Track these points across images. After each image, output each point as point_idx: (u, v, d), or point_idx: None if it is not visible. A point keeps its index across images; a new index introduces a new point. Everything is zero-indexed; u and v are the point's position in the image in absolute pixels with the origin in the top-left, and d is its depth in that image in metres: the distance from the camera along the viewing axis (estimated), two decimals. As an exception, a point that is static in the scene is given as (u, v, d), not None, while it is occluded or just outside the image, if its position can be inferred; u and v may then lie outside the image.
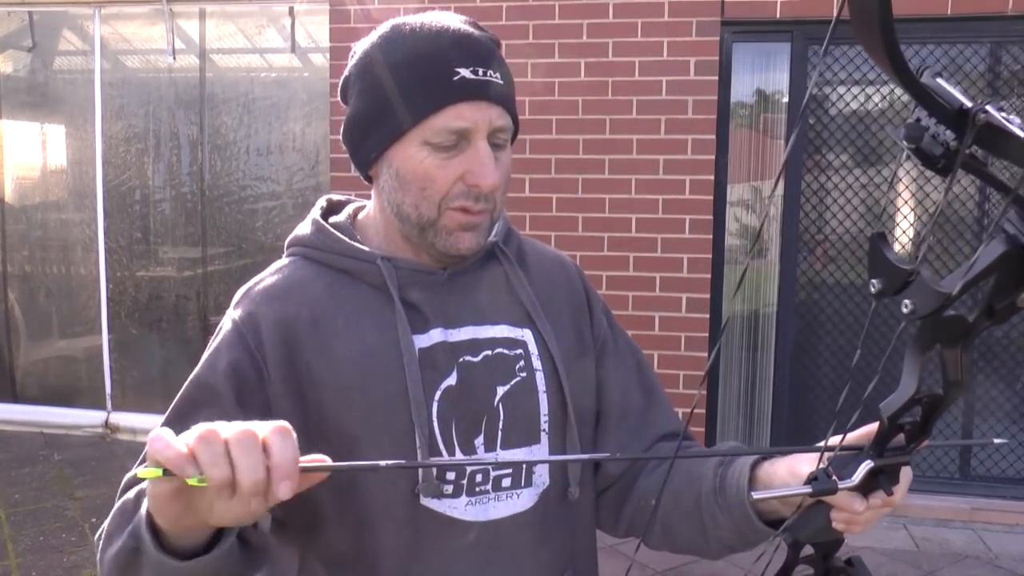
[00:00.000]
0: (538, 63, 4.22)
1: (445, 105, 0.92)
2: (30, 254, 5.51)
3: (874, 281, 0.70)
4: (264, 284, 1.01)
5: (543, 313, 1.05)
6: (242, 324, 0.97)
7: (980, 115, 0.61)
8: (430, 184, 0.94)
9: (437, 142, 0.93)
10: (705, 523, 0.97)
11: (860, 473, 0.77)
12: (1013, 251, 0.66)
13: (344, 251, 1.01)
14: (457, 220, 0.96)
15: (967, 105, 0.62)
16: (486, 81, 0.94)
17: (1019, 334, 4.14)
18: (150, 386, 5.38)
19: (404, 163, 0.95)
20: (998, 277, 0.67)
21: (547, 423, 1.02)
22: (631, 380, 1.12)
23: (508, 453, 1.00)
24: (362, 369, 0.96)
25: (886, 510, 0.81)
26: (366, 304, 0.99)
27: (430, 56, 0.93)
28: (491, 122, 0.94)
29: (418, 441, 0.94)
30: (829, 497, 0.81)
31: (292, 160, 5.08)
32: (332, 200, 1.12)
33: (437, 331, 0.99)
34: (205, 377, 0.95)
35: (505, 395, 1.00)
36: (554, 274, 1.12)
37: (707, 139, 4.11)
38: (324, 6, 4.54)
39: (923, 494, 4.11)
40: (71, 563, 3.58)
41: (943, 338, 0.71)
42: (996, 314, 0.69)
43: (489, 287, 1.05)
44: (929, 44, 4.01)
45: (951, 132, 0.64)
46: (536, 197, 4.26)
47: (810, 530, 0.84)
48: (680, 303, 4.18)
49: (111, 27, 5.20)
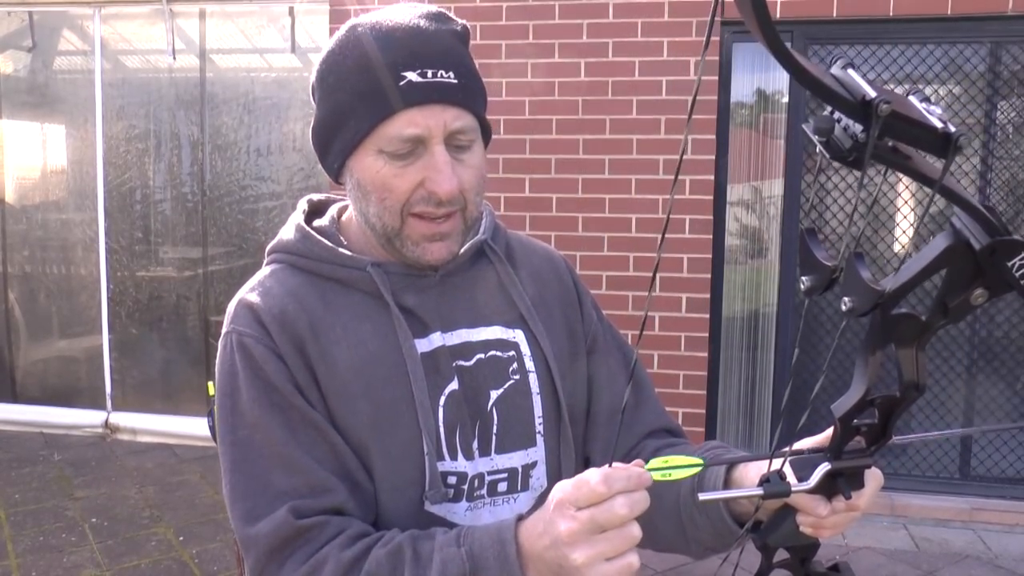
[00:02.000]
0: (538, 63, 4.22)
1: (394, 113, 0.89)
2: (31, 254, 5.51)
3: (804, 278, 0.69)
4: (258, 292, 0.98)
5: (535, 312, 1.04)
6: (261, 336, 0.93)
7: (883, 105, 0.58)
8: (389, 194, 0.91)
9: (391, 151, 0.90)
10: (684, 524, 0.96)
11: (816, 476, 0.76)
12: (958, 246, 0.65)
13: (332, 259, 0.98)
14: (420, 230, 0.93)
15: (870, 95, 0.59)
16: (436, 83, 0.89)
17: (1019, 334, 4.14)
18: (150, 386, 5.38)
19: (363, 173, 0.93)
20: (949, 273, 0.66)
21: (542, 425, 1.01)
22: (619, 375, 1.11)
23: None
24: (366, 377, 0.94)
25: (853, 515, 0.80)
26: (362, 311, 0.97)
27: (377, 61, 0.89)
28: (445, 125, 0.90)
29: (426, 447, 0.93)
30: (793, 501, 0.79)
31: (292, 160, 5.08)
32: (314, 201, 1.09)
33: (437, 335, 0.98)
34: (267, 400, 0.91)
35: (499, 399, 0.99)
36: (543, 271, 1.10)
37: (707, 139, 4.11)
38: (324, 6, 4.54)
39: (923, 494, 4.11)
40: (71, 563, 3.58)
41: (896, 337, 0.69)
42: (951, 312, 0.68)
43: (481, 287, 1.03)
44: (929, 44, 4.01)
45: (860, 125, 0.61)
46: (536, 197, 4.26)
47: (779, 535, 0.83)
48: (680, 303, 4.18)
49: (111, 27, 5.20)
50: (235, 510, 0.92)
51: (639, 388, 1.12)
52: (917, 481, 4.18)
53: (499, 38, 4.24)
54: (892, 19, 3.93)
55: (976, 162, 4.07)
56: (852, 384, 0.72)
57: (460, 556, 0.82)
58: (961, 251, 0.66)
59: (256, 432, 0.92)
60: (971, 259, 0.66)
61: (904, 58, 4.04)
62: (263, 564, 0.89)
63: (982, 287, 0.67)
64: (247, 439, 0.92)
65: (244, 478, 0.92)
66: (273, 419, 0.91)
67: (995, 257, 0.65)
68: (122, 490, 4.38)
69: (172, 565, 3.58)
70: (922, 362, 0.71)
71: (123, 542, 3.78)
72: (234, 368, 0.94)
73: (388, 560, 0.85)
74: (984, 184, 4.09)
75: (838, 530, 0.81)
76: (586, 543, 0.74)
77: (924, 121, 0.62)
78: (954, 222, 0.67)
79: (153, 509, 4.15)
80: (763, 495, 0.76)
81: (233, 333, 0.95)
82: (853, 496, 0.78)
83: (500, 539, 0.81)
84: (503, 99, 4.23)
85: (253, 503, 0.91)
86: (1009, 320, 4.15)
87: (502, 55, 4.22)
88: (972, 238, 0.65)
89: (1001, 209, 4.14)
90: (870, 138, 0.60)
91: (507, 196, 4.19)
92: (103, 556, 3.64)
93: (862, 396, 0.71)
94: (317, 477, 0.90)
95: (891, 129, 0.61)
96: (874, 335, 0.69)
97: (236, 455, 0.93)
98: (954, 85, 4.09)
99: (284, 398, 0.92)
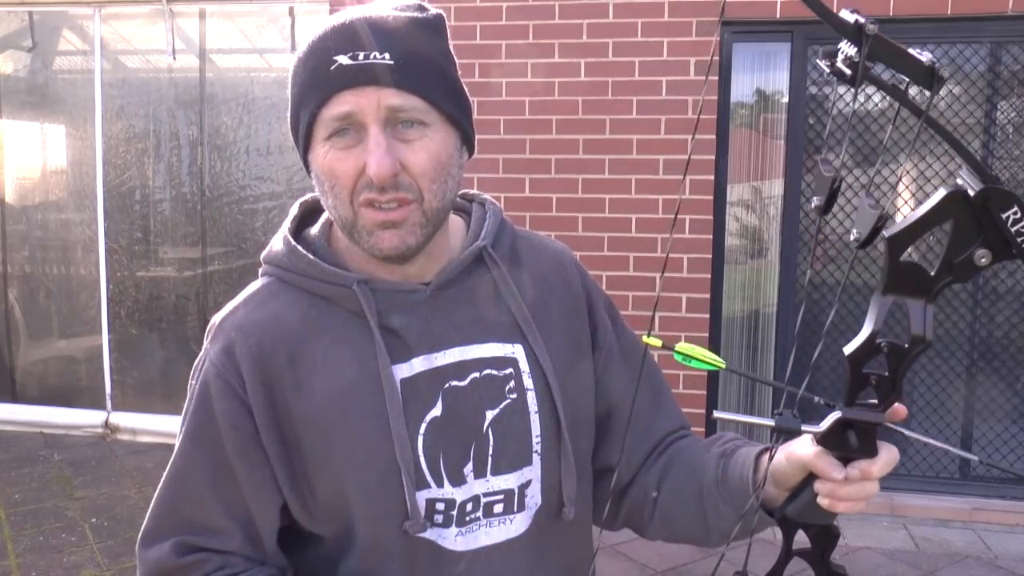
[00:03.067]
0: (538, 63, 4.22)
1: (328, 97, 0.88)
2: (30, 254, 5.51)
3: (815, 198, 0.76)
4: (238, 317, 0.97)
5: (535, 325, 1.00)
6: (224, 369, 0.94)
7: (870, 26, 0.68)
8: (336, 180, 0.90)
9: (329, 133, 0.89)
10: (707, 513, 0.96)
11: (827, 421, 0.79)
12: (957, 194, 0.71)
13: (318, 275, 0.95)
14: (371, 218, 0.90)
15: (860, 20, 0.69)
16: (365, 64, 0.87)
17: (1019, 334, 4.14)
18: (150, 386, 5.38)
19: (316, 163, 0.92)
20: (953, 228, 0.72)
21: (539, 444, 0.99)
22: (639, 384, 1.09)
23: None
24: (342, 407, 0.92)
25: (868, 486, 0.80)
26: (344, 334, 0.94)
27: (315, 50, 0.90)
28: (379, 104, 0.87)
29: (404, 480, 0.91)
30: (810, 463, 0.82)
31: (292, 160, 5.07)
32: (308, 202, 1.06)
33: (419, 359, 0.95)
34: (201, 435, 0.95)
35: (494, 419, 0.97)
36: (551, 275, 1.06)
37: (707, 139, 4.11)
38: (324, 6, 4.54)
39: (923, 494, 4.12)
40: (71, 563, 3.58)
41: (904, 286, 0.74)
42: (955, 269, 0.73)
43: (477, 300, 0.99)
44: (929, 44, 4.01)
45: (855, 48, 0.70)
46: (536, 197, 4.26)
47: (796, 505, 0.85)
48: (680, 303, 4.18)
49: (111, 27, 5.20)
50: (144, 523, 0.99)
51: (655, 391, 1.12)
52: (917, 481, 4.18)
53: (499, 38, 4.24)
54: (892, 19, 3.93)
55: (976, 162, 4.07)
56: (863, 327, 0.75)
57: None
58: (960, 200, 0.71)
59: (181, 460, 0.96)
60: (970, 211, 0.71)
61: (904, 58, 4.04)
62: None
63: (984, 247, 0.71)
64: (173, 463, 0.97)
65: (159, 497, 0.98)
66: (200, 455, 0.95)
67: (989, 206, 0.70)
68: (122, 490, 4.38)
69: (172, 565, 3.58)
70: (930, 316, 0.74)
71: (123, 542, 3.78)
72: (192, 392, 0.97)
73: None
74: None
75: (854, 506, 0.81)
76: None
77: (910, 53, 0.71)
78: (959, 176, 0.73)
79: (153, 509, 4.14)
80: (775, 427, 0.80)
81: (205, 358, 0.97)
82: (866, 463, 0.79)
83: None
84: (503, 99, 4.23)
85: (155, 524, 0.97)
86: (1009, 320, 4.15)
87: (502, 55, 4.22)
88: (969, 188, 0.71)
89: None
90: (862, 56, 0.68)
91: (507, 196, 4.19)
92: (103, 556, 3.64)
93: (870, 335, 0.75)
94: (218, 522, 0.94)
95: (880, 54, 0.70)
96: (884, 279, 0.74)
97: (166, 473, 0.98)
98: (954, 85, 4.09)
99: (218, 437, 0.93)
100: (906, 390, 4.22)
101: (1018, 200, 0.70)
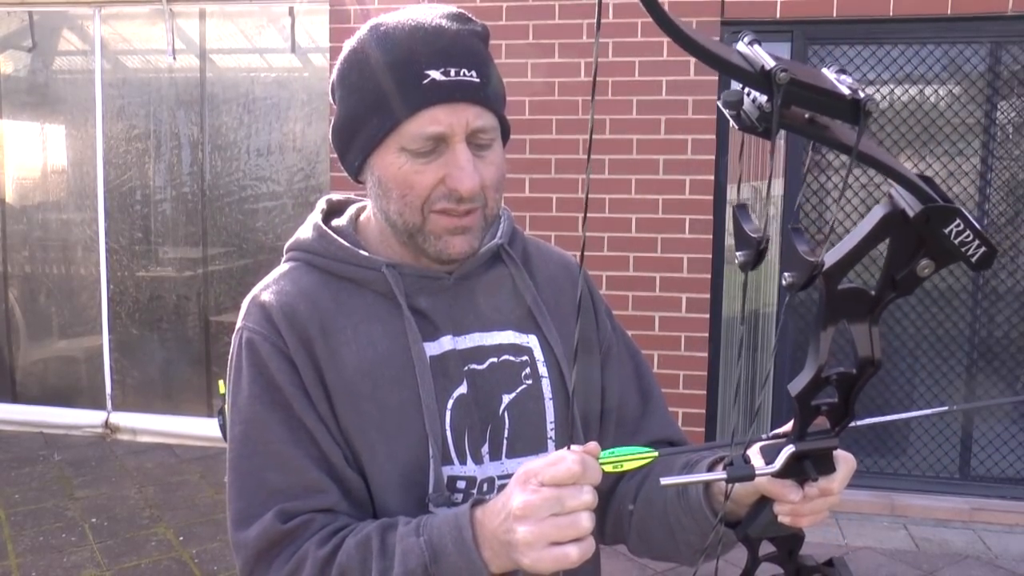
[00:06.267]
0: (538, 63, 4.22)
1: (417, 110, 0.89)
2: (31, 254, 5.51)
3: (738, 254, 0.69)
4: (272, 291, 0.99)
5: (549, 318, 1.04)
6: (269, 334, 0.95)
7: (781, 74, 0.59)
8: (410, 190, 0.92)
9: (414, 148, 0.91)
10: (673, 527, 0.96)
11: (781, 459, 0.75)
12: (894, 214, 0.66)
13: (348, 259, 0.99)
14: (443, 224, 0.93)
15: (769, 65, 0.60)
16: (459, 81, 0.90)
17: (1019, 334, 4.14)
18: (150, 386, 5.38)
19: (384, 170, 0.94)
20: (891, 244, 0.67)
21: (553, 430, 1.01)
22: (629, 385, 1.11)
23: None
24: (373, 378, 0.94)
25: (830, 500, 0.80)
26: (374, 312, 0.97)
27: (400, 60, 0.90)
28: (467, 124, 0.91)
29: (431, 451, 0.93)
30: (765, 489, 0.79)
31: (292, 160, 5.08)
32: (333, 201, 1.10)
33: (447, 338, 0.98)
34: (268, 398, 0.93)
35: (511, 403, 1.00)
36: (559, 277, 1.11)
37: (707, 139, 4.11)
38: (324, 6, 4.54)
39: (923, 494, 4.12)
40: (71, 563, 3.58)
41: (847, 312, 0.70)
42: (899, 284, 0.68)
43: (495, 291, 1.03)
44: (929, 44, 4.01)
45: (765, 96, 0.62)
46: (536, 197, 4.26)
47: (757, 525, 0.83)
48: (680, 303, 4.18)
49: (111, 27, 5.20)
50: (230, 510, 0.94)
51: (646, 397, 1.12)
52: (917, 481, 4.18)
53: (499, 38, 4.23)
54: (892, 19, 3.93)
55: (976, 162, 4.07)
56: (806, 363, 0.72)
57: (419, 545, 0.84)
58: (898, 220, 0.66)
59: (253, 428, 0.93)
60: (909, 228, 0.66)
61: (904, 58, 4.04)
62: (251, 566, 0.91)
63: (927, 258, 0.67)
64: (244, 435, 0.94)
65: (240, 476, 0.94)
66: (271, 417, 0.93)
67: (931, 225, 0.66)
68: (122, 490, 4.38)
69: (172, 565, 3.58)
70: (876, 337, 0.71)
71: (123, 542, 3.78)
72: (240, 364, 0.96)
73: (357, 551, 0.86)
74: (984, 184, 4.09)
75: (817, 518, 0.81)
76: (537, 521, 0.75)
77: (831, 89, 0.62)
78: (891, 192, 0.67)
79: (153, 509, 4.15)
80: (727, 478, 0.76)
81: (243, 330, 0.97)
82: (825, 480, 0.77)
83: (457, 525, 0.83)
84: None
85: (247, 503, 0.92)
86: (1009, 320, 4.15)
87: (502, 55, 4.22)
88: (907, 207, 0.66)
89: (1001, 209, 4.15)
90: (775, 106, 0.61)
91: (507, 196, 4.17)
92: (103, 556, 3.64)
93: (815, 373, 0.71)
94: (311, 477, 0.92)
95: (796, 97, 0.62)
96: (824, 311, 0.69)
97: (235, 451, 0.95)
98: (954, 85, 4.09)
99: (284, 397, 0.93)
100: (906, 390, 4.22)
101: (959, 212, 0.66)
